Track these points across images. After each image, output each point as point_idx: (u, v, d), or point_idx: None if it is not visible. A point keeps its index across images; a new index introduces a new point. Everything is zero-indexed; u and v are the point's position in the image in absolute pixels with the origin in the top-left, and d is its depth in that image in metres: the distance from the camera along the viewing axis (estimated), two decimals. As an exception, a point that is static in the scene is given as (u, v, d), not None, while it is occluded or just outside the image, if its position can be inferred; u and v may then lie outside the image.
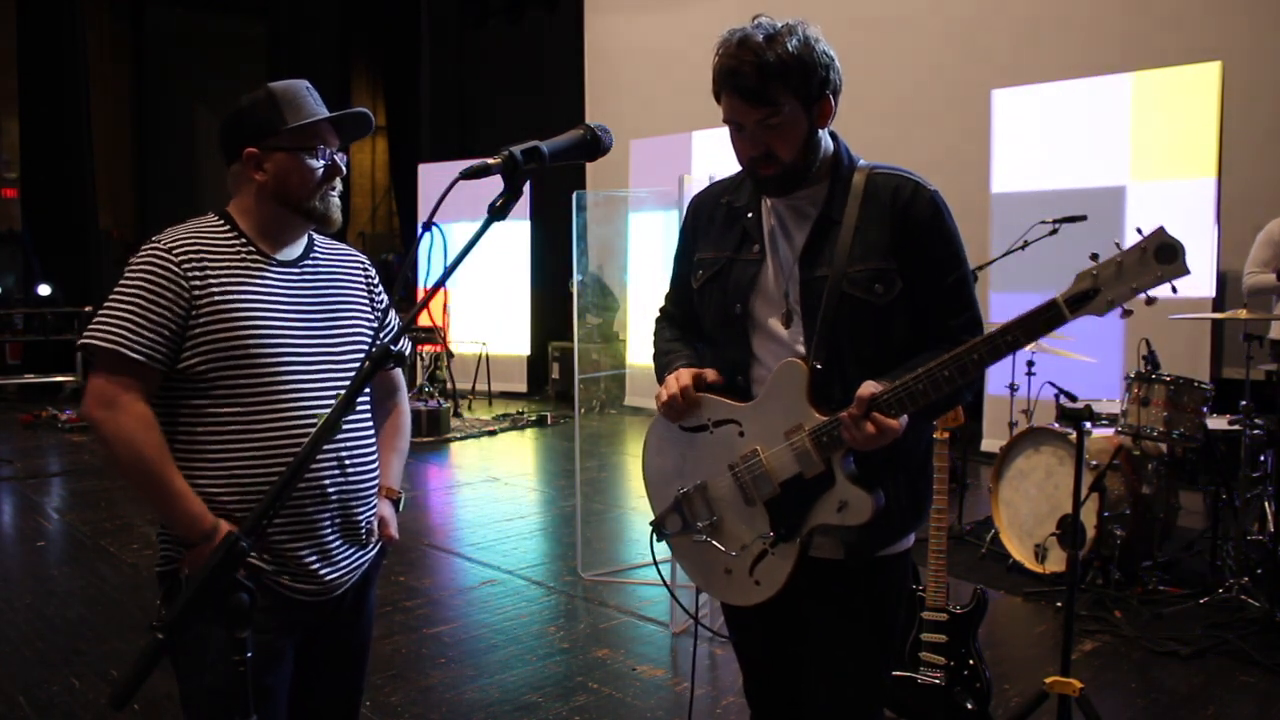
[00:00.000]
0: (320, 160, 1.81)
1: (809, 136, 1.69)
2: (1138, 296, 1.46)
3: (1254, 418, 4.18)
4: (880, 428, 1.57)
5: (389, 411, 2.07)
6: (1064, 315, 1.48)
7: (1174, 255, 1.43)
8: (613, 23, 10.67)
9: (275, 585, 1.76)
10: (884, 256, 1.68)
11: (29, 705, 3.27)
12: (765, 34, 1.63)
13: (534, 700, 3.32)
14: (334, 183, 1.85)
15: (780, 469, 1.71)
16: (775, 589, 1.75)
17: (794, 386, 1.69)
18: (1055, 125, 6.68)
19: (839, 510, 1.67)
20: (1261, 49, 6.34)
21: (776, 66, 1.61)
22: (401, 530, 2.02)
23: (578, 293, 5.08)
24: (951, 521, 4.85)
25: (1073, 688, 2.71)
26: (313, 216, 1.84)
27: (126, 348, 1.68)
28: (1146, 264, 1.44)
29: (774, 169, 1.70)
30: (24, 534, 5.55)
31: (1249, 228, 5.12)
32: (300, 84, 1.83)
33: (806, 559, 1.74)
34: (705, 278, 1.85)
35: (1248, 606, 3.87)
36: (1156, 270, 1.43)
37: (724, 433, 1.78)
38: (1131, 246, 1.45)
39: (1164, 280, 1.44)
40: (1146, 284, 1.44)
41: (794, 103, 1.65)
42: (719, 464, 1.79)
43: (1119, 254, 1.46)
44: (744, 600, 1.81)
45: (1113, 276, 1.46)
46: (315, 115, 1.80)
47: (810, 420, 1.67)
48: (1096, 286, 1.46)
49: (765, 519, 1.75)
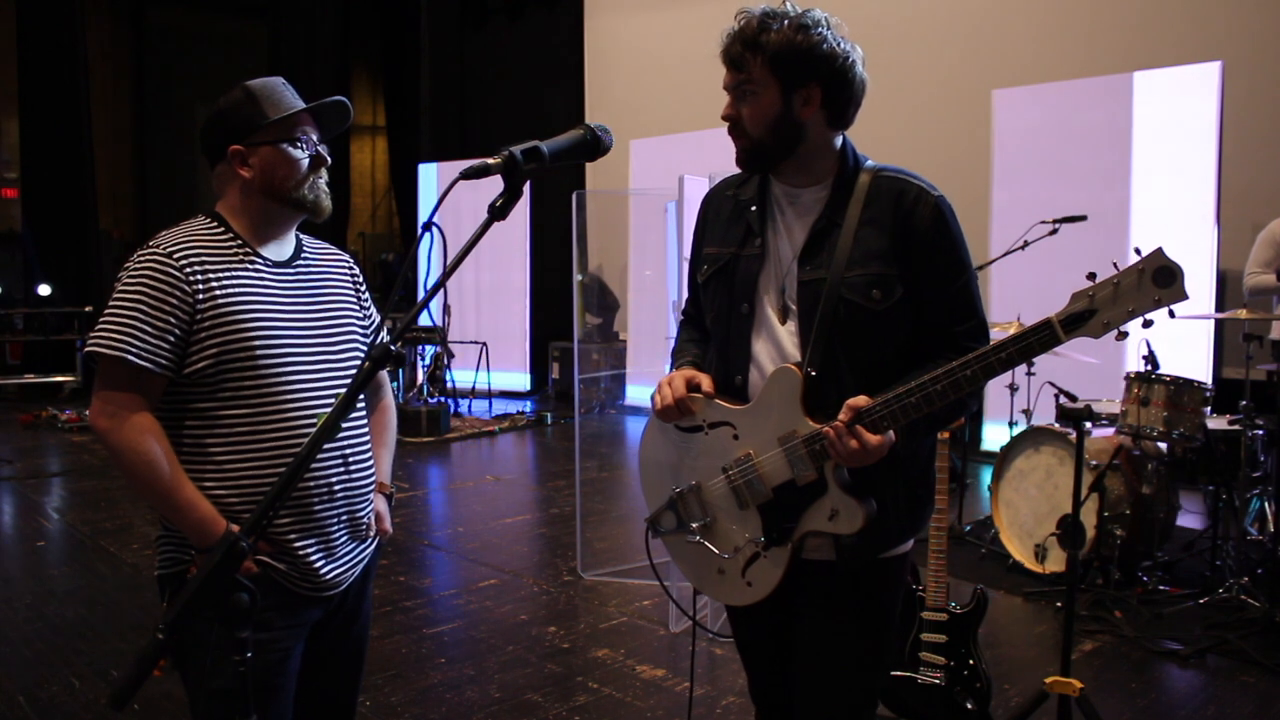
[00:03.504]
0: (305, 151, 1.83)
1: (780, 118, 1.68)
2: (1134, 320, 1.44)
3: (1254, 418, 4.18)
4: (862, 443, 1.56)
5: (374, 408, 2.09)
6: (1058, 337, 1.46)
7: (1172, 278, 1.40)
8: (613, 23, 10.67)
9: (286, 584, 1.76)
10: (884, 262, 1.67)
11: (29, 705, 3.27)
12: (778, 13, 1.66)
13: (534, 700, 3.32)
14: (320, 172, 1.86)
15: (773, 474, 1.71)
16: (767, 591, 1.76)
17: (788, 393, 1.69)
18: (1056, 125, 6.68)
19: (830, 518, 1.67)
20: (1261, 49, 6.34)
21: (761, 39, 1.65)
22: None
23: (578, 293, 5.09)
24: (951, 521, 4.85)
25: (1073, 688, 2.71)
26: (303, 206, 1.84)
27: (133, 355, 1.68)
28: (1144, 287, 1.41)
29: (743, 140, 1.72)
30: (24, 534, 5.54)
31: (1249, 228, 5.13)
32: (276, 80, 1.85)
33: (800, 561, 1.74)
34: (710, 273, 1.84)
35: (1248, 606, 3.87)
36: (1154, 294, 1.41)
37: (719, 435, 1.78)
38: (1129, 268, 1.43)
39: (1162, 305, 1.41)
40: (1144, 308, 1.42)
41: (769, 79, 1.66)
42: (713, 466, 1.79)
43: (1116, 275, 1.43)
44: (737, 600, 1.82)
45: (1109, 299, 1.43)
46: (294, 107, 1.82)
47: (804, 427, 1.66)
48: (1093, 308, 1.44)
49: (758, 523, 1.75)
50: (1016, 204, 6.63)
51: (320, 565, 1.80)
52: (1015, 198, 6.74)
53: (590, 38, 10.90)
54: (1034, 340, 1.49)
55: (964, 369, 1.53)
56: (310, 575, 1.79)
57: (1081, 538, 4.08)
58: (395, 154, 14.85)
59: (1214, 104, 6.01)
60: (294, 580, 1.78)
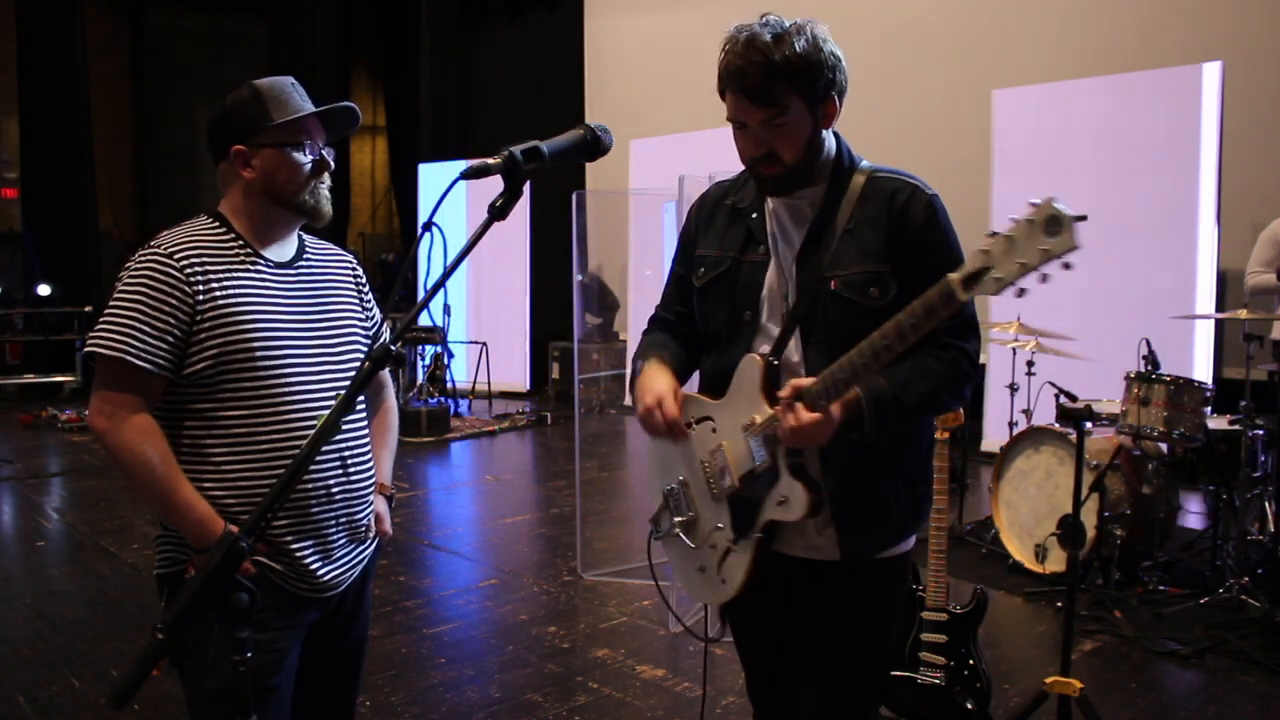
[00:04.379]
0: (308, 155, 1.81)
1: (813, 137, 1.68)
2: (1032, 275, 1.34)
3: (1254, 418, 4.18)
4: (799, 419, 1.54)
5: (376, 409, 2.08)
6: (956, 295, 1.40)
7: (1059, 226, 1.29)
8: (613, 23, 10.67)
9: (283, 584, 1.76)
10: (879, 260, 1.67)
11: (29, 705, 3.27)
12: (773, 33, 1.61)
13: (534, 700, 3.32)
14: (323, 177, 1.85)
15: (738, 464, 1.72)
16: (737, 586, 1.76)
17: (750, 381, 1.70)
18: (1056, 125, 6.68)
19: (779, 505, 1.67)
20: (1261, 49, 6.34)
21: (783, 67, 1.59)
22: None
23: (577, 293, 5.09)
24: (951, 521, 4.85)
25: (1073, 688, 2.71)
26: (303, 211, 1.84)
27: (133, 356, 1.67)
28: (1034, 237, 1.31)
29: (776, 169, 1.68)
30: (24, 534, 5.55)
31: (1249, 228, 5.13)
32: (285, 80, 1.83)
33: (800, 561, 1.74)
34: (709, 277, 1.82)
35: (1248, 606, 3.87)
36: (1043, 243, 1.30)
37: (702, 429, 1.79)
38: (1020, 219, 1.34)
39: (1052, 256, 1.30)
40: (1034, 260, 1.31)
41: (799, 104, 1.63)
42: (696, 460, 1.81)
43: (1010, 228, 1.35)
44: (715, 599, 1.83)
45: (1003, 253, 1.34)
46: (301, 110, 1.80)
47: (761, 414, 1.67)
48: (988, 264, 1.37)
49: (728, 515, 1.76)
50: (1016, 204, 6.55)
51: (317, 567, 1.80)
52: (1015, 198, 6.71)
53: (590, 38, 10.90)
54: (937, 301, 1.44)
55: (883, 338, 1.50)
56: (307, 577, 1.79)
57: (1081, 538, 4.07)
58: (395, 154, 14.84)
59: (1214, 104, 6.01)
60: (291, 581, 1.77)
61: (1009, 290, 1.36)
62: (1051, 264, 1.31)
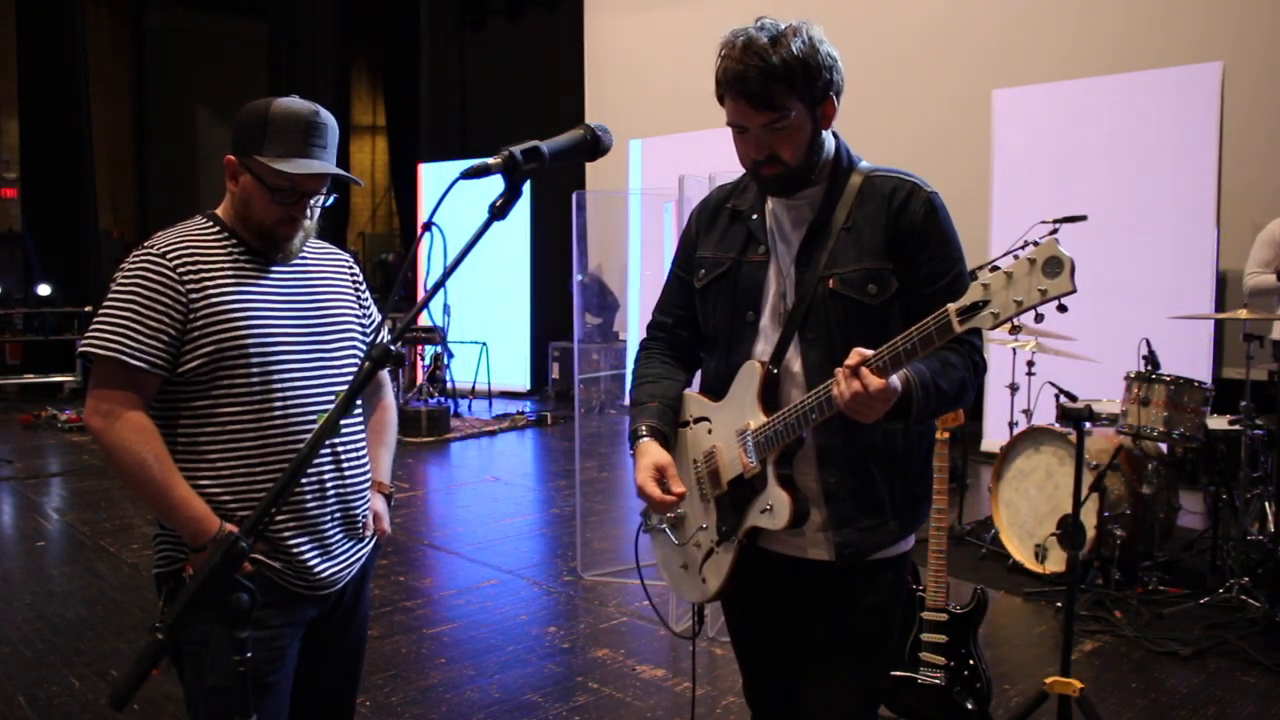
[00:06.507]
0: (282, 202, 1.78)
1: (813, 138, 1.68)
2: (1028, 312, 1.37)
3: (1254, 418, 4.18)
4: (865, 384, 1.48)
5: (374, 407, 2.08)
6: (953, 327, 1.42)
7: (1059, 269, 1.32)
8: (613, 23, 10.67)
9: (281, 581, 1.77)
10: (879, 257, 1.68)
11: (29, 705, 3.27)
12: (770, 36, 1.61)
13: (534, 700, 3.32)
14: (295, 224, 1.81)
15: (727, 467, 1.75)
16: (717, 587, 1.79)
17: (748, 387, 1.72)
18: (1056, 125, 6.68)
19: (764, 512, 1.69)
20: (1261, 49, 6.34)
21: (782, 71, 1.59)
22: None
23: (577, 293, 5.09)
24: (951, 521, 4.85)
25: (1073, 688, 2.71)
26: (268, 242, 1.82)
27: (127, 355, 1.68)
28: (1033, 276, 1.35)
29: (778, 169, 1.68)
30: (24, 534, 5.54)
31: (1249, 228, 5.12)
32: (305, 112, 1.76)
33: (800, 561, 1.75)
34: (710, 278, 1.83)
35: (1248, 606, 3.87)
36: (1041, 285, 1.34)
37: (698, 429, 1.82)
38: (1020, 258, 1.38)
39: (1049, 297, 1.34)
40: (1030, 300, 1.35)
41: (799, 106, 1.63)
42: (689, 460, 1.83)
43: (1011, 265, 1.38)
44: (696, 597, 1.86)
45: (1001, 289, 1.38)
46: (295, 157, 1.74)
47: (755, 421, 1.68)
48: (986, 298, 1.39)
49: (714, 516, 1.79)
50: (1016, 204, 6.62)
51: (315, 564, 1.80)
52: (1015, 198, 6.74)
53: (590, 38, 10.90)
54: (933, 329, 1.45)
55: (876, 361, 1.49)
56: (305, 573, 1.79)
57: (1081, 538, 4.07)
58: (395, 153, 14.84)
59: (1214, 104, 6.01)
60: (289, 578, 1.78)
61: (1004, 326, 1.39)
62: (1048, 304, 1.35)
